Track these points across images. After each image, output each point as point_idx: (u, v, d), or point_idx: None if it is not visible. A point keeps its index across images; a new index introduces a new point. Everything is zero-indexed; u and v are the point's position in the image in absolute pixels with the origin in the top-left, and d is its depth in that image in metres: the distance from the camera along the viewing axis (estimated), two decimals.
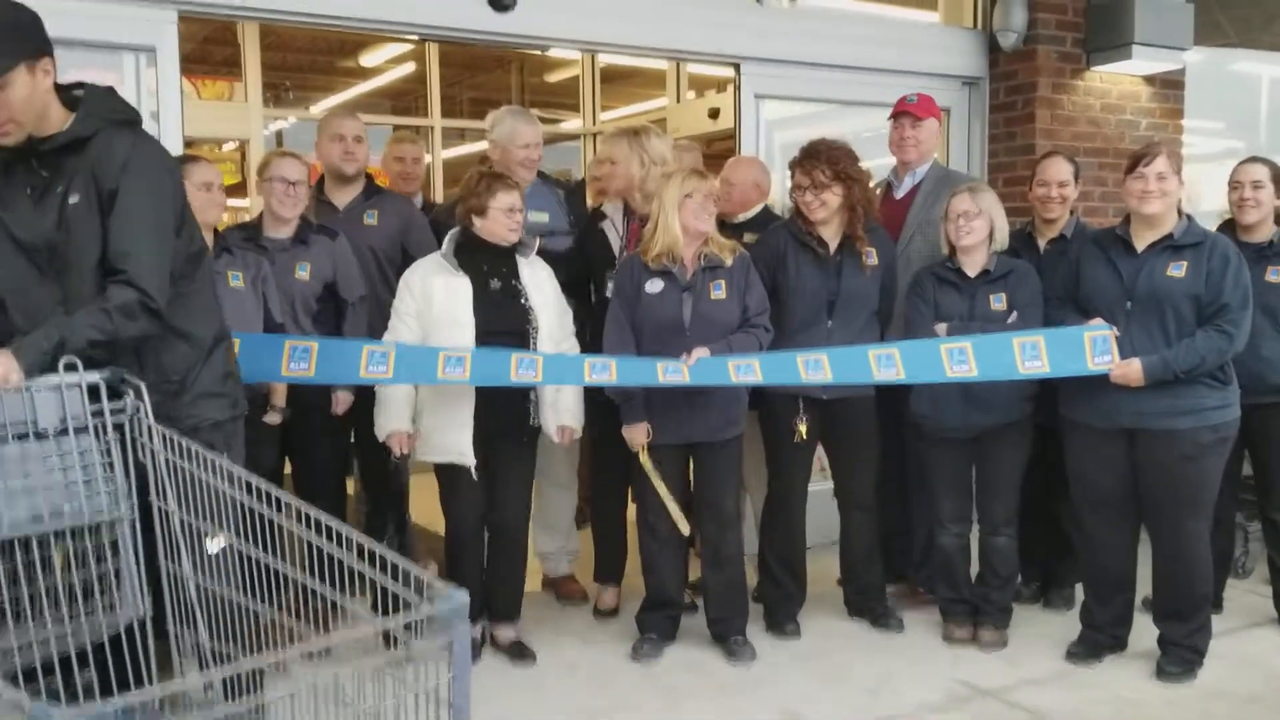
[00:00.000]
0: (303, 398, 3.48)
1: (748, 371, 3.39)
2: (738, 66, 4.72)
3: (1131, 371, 3.25)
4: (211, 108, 7.25)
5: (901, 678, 3.45)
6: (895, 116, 4.05)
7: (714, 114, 6.22)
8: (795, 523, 3.80)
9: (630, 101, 8.28)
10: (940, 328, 3.53)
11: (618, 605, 4.03)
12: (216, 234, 3.40)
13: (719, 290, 3.49)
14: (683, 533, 3.56)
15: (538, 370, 3.32)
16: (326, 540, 1.81)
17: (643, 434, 3.50)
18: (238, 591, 2.06)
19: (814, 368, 3.44)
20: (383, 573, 1.67)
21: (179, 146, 3.66)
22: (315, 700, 1.55)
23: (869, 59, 4.94)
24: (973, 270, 3.58)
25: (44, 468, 2.03)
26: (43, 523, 2.01)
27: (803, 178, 3.60)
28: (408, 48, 7.94)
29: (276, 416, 3.43)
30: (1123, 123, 5.28)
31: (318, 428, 3.59)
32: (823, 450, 3.89)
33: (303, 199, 3.58)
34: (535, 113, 4.49)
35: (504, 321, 3.38)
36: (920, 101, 4.03)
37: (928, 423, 3.63)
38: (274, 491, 1.95)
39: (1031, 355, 3.36)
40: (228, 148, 7.85)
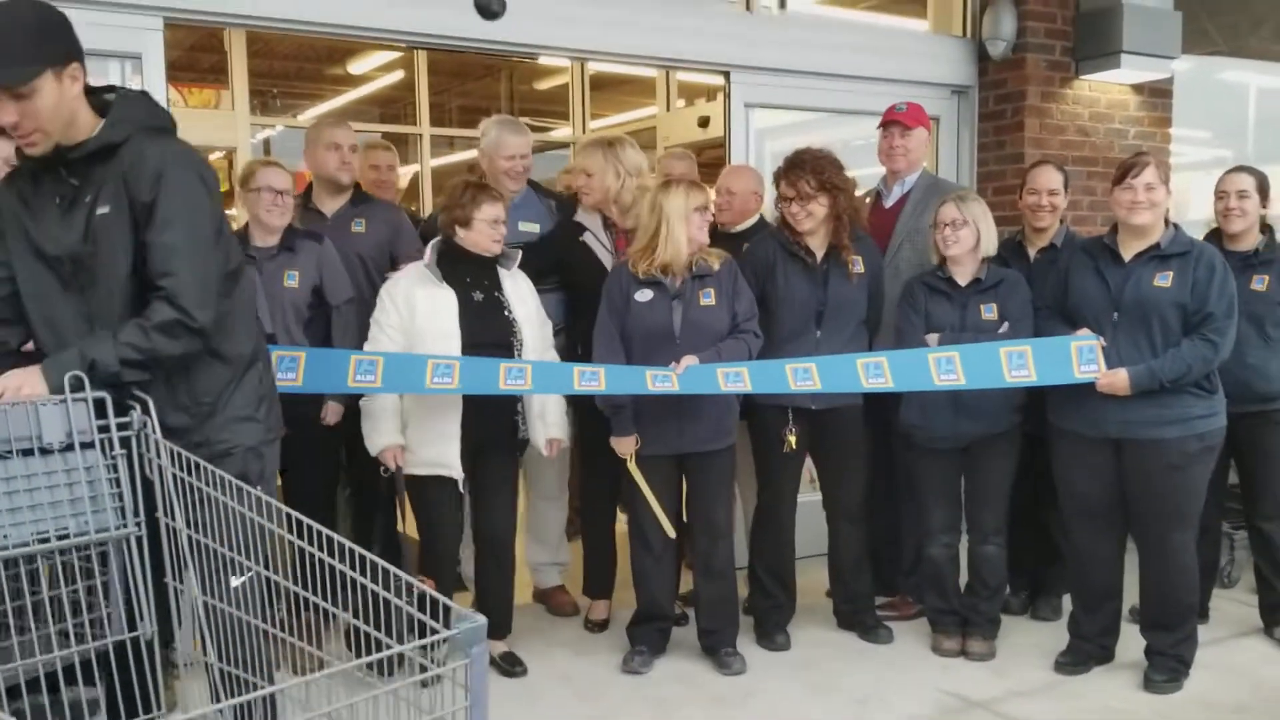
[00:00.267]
0: (292, 409, 3.45)
1: (736, 380, 3.39)
2: (727, 75, 4.73)
3: (1118, 381, 3.26)
4: (198, 116, 7.20)
5: (891, 689, 3.45)
6: (884, 125, 4.06)
7: (704, 122, 6.22)
8: (784, 533, 3.79)
9: (620, 110, 8.27)
10: (931, 338, 3.53)
11: (608, 617, 4.01)
12: None
13: (708, 298, 3.48)
14: (669, 536, 3.55)
15: (527, 379, 3.31)
16: (341, 561, 1.78)
17: (631, 445, 3.49)
18: (247, 611, 2.02)
19: (803, 376, 3.44)
20: (399, 594, 1.66)
21: None
22: None
23: (858, 67, 4.95)
24: (964, 279, 3.58)
25: (49, 483, 1.97)
26: (49, 540, 1.96)
27: (788, 189, 3.59)
28: (396, 55, 7.92)
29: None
30: (1111, 131, 5.30)
31: (308, 439, 3.55)
32: (811, 461, 3.88)
33: (290, 207, 3.57)
34: (525, 120, 4.47)
35: (489, 333, 3.36)
36: (909, 110, 4.03)
37: (917, 433, 3.64)
38: (285, 510, 1.91)
39: (1018, 364, 3.37)
40: (214, 156, 7.82)
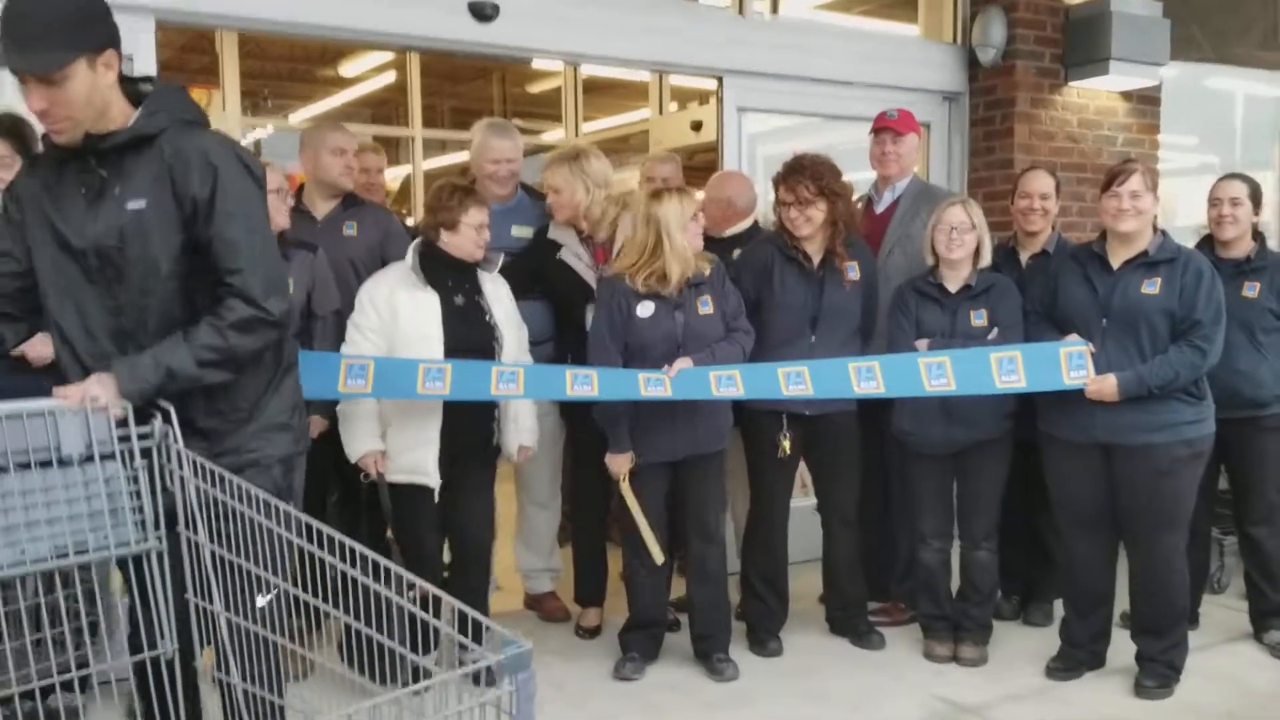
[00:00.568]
0: None
1: (729, 385, 3.39)
2: (720, 79, 4.73)
3: (1106, 387, 3.27)
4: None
5: (883, 694, 3.45)
6: (876, 132, 4.06)
7: (696, 126, 6.22)
8: (777, 539, 3.79)
9: (612, 113, 8.27)
10: (921, 344, 3.54)
11: (600, 624, 4.00)
12: None
13: (706, 305, 3.49)
14: (657, 563, 3.53)
15: (519, 383, 3.30)
16: (376, 581, 1.77)
17: (627, 464, 3.46)
18: (271, 629, 1.98)
19: (795, 380, 3.44)
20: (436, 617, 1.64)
21: None
22: None
23: (850, 73, 4.96)
24: (954, 285, 3.59)
25: (67, 497, 1.89)
26: (67, 556, 1.88)
27: (787, 194, 3.60)
28: (388, 57, 7.90)
29: None
30: (1100, 138, 5.32)
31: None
32: (804, 467, 3.89)
33: (285, 209, 3.54)
34: (517, 123, 4.46)
35: (471, 338, 3.34)
36: (900, 117, 4.04)
37: (910, 439, 3.64)
38: (315, 524, 1.87)
39: (1008, 370, 3.38)
40: None
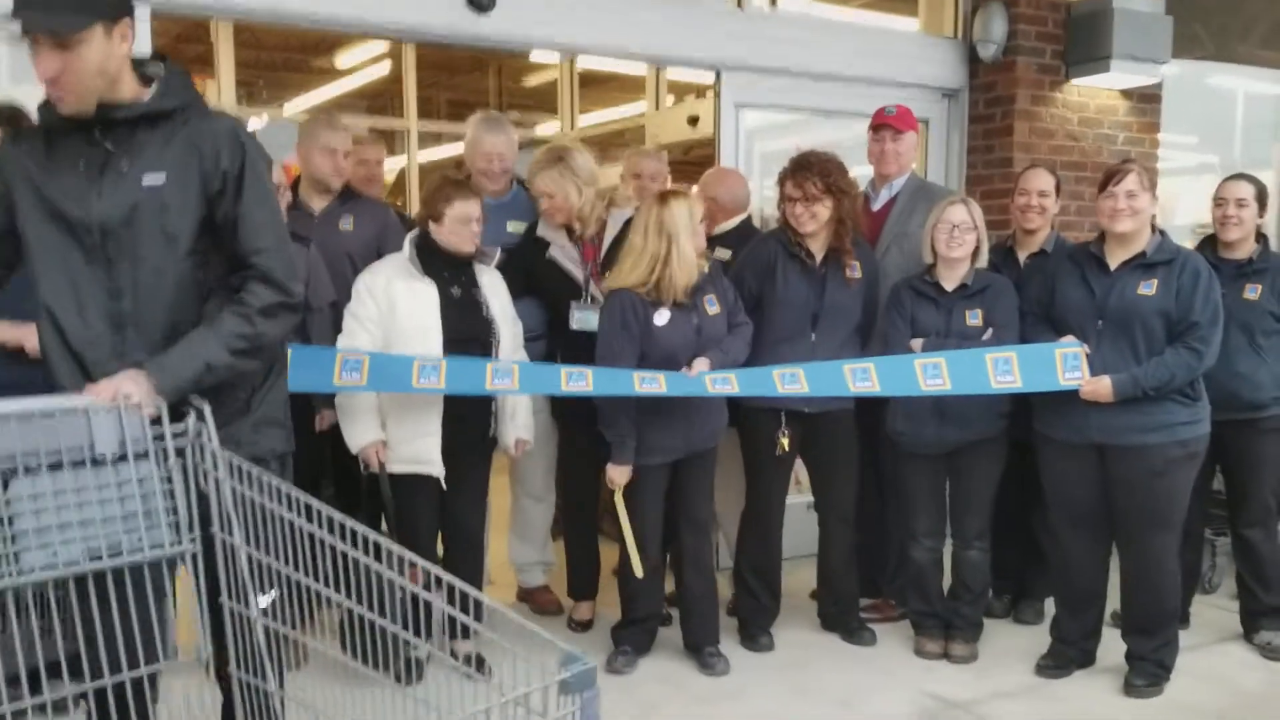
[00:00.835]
0: None
1: (724, 383, 3.39)
2: (718, 73, 4.72)
3: (1101, 388, 3.27)
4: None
5: (873, 690, 3.46)
6: (875, 129, 4.04)
7: (693, 121, 6.20)
8: (772, 536, 3.80)
9: (608, 106, 8.25)
10: (915, 344, 3.53)
11: (593, 617, 4.01)
12: None
13: (713, 305, 3.49)
14: (637, 575, 3.51)
15: (514, 379, 3.30)
16: (426, 590, 1.75)
17: (627, 476, 3.44)
18: (310, 635, 1.94)
19: (790, 381, 3.44)
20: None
21: None
22: None
23: (849, 69, 4.95)
24: (950, 284, 3.58)
25: (100, 498, 1.82)
26: (100, 559, 1.82)
27: (794, 189, 3.59)
28: (384, 48, 7.86)
29: None
30: (1100, 136, 5.31)
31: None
32: (798, 464, 3.88)
33: (283, 205, 3.52)
34: (513, 116, 4.43)
35: (468, 330, 3.33)
36: (899, 114, 4.02)
37: (903, 439, 3.64)
38: (359, 529, 1.85)
39: (1004, 370, 3.38)
40: None
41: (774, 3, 5.10)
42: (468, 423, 3.37)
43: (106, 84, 2.02)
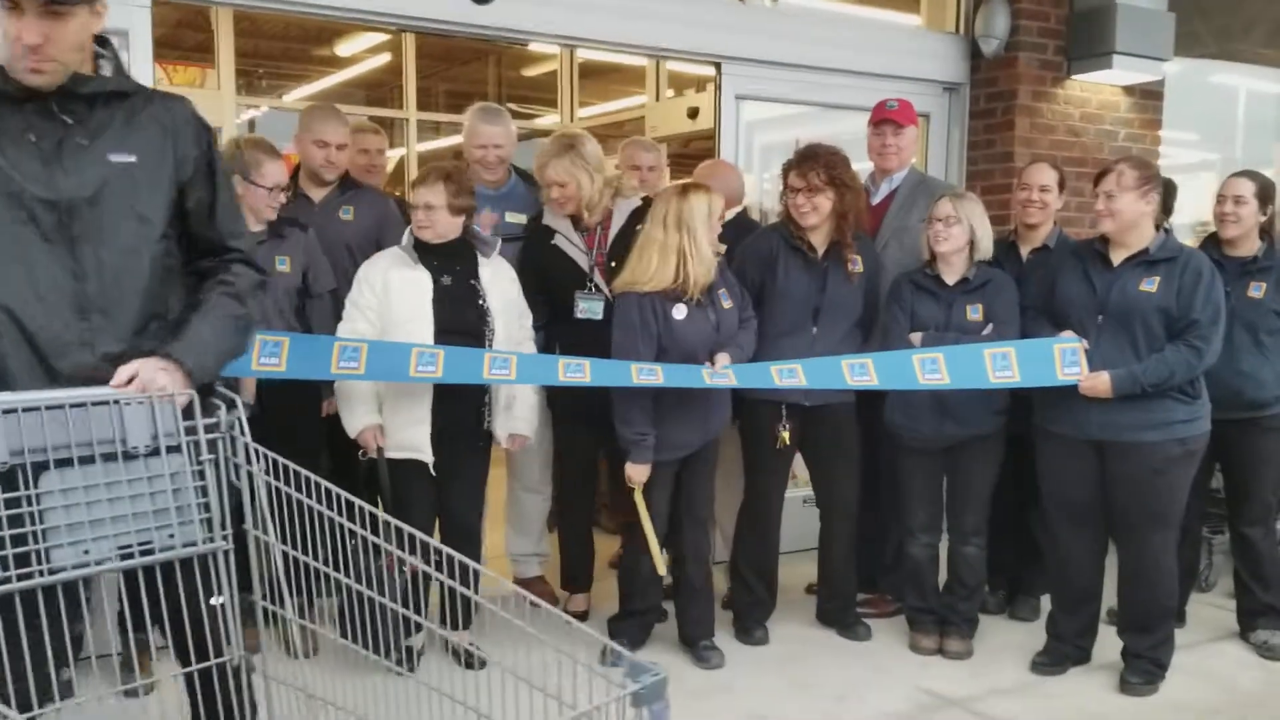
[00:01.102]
0: (267, 396, 3.40)
1: (720, 375, 3.38)
2: (719, 66, 4.70)
3: (1099, 384, 3.27)
4: (183, 94, 7.11)
5: (868, 686, 3.45)
6: (876, 123, 4.02)
7: (693, 113, 6.19)
8: (771, 530, 3.79)
9: (608, 98, 8.22)
10: (915, 337, 3.52)
11: (587, 610, 4.00)
12: None
13: (726, 299, 3.48)
14: (660, 573, 3.51)
15: (511, 369, 3.29)
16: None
17: (647, 474, 3.42)
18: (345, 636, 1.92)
19: (788, 375, 3.44)
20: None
21: None
22: None
23: (851, 62, 4.93)
24: (951, 278, 3.57)
25: (131, 492, 1.76)
26: (132, 556, 1.77)
27: (797, 180, 3.57)
28: (384, 38, 7.83)
29: (245, 412, 3.34)
30: (1101, 133, 5.29)
31: (289, 422, 3.50)
32: (799, 457, 3.87)
33: (274, 207, 3.50)
34: (512, 107, 4.42)
35: (459, 320, 3.33)
36: (901, 108, 4.01)
37: (901, 433, 3.63)
38: (398, 525, 1.84)
39: (1002, 365, 3.38)
40: None
41: None
42: (457, 412, 3.36)
43: (80, 59, 2.00)
